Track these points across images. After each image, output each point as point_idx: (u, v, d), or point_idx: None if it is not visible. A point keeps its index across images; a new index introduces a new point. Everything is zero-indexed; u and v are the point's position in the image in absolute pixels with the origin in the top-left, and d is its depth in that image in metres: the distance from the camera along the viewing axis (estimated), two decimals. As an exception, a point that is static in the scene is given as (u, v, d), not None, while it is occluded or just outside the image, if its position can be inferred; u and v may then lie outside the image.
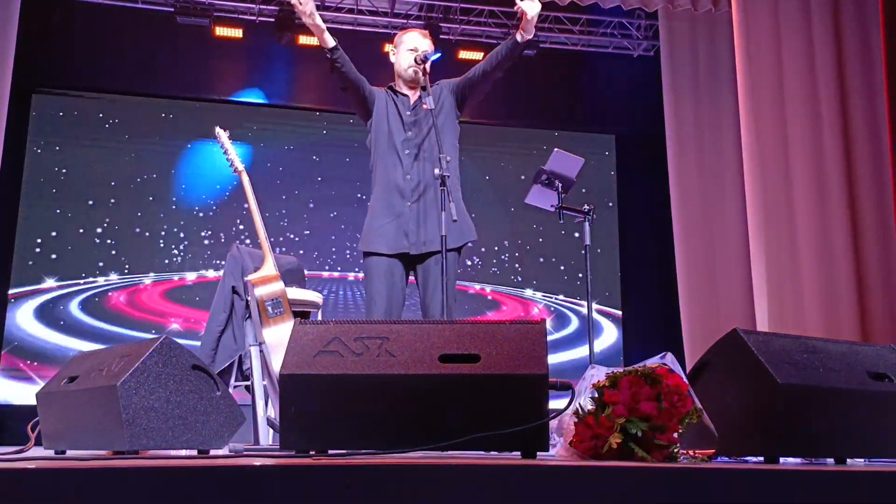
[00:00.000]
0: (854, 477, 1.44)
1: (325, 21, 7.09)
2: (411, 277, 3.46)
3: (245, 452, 2.20)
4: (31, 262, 6.45)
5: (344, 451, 1.72)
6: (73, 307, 6.45)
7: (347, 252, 6.94)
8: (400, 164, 3.40)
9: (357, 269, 6.80)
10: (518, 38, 3.40)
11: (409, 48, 3.51)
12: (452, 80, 3.57)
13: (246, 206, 3.69)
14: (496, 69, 3.47)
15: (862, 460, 2.04)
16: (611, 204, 7.54)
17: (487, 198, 7.22)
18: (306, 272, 4.34)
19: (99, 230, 6.61)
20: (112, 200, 6.68)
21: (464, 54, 7.07)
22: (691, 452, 1.83)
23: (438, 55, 3.53)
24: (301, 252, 6.81)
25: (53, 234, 6.51)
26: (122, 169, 6.74)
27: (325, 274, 6.95)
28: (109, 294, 6.54)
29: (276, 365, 3.23)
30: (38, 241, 6.49)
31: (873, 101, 5.64)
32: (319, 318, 3.92)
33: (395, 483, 1.28)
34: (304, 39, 6.89)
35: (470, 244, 3.52)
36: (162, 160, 6.84)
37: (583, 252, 3.86)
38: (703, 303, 6.39)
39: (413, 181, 3.37)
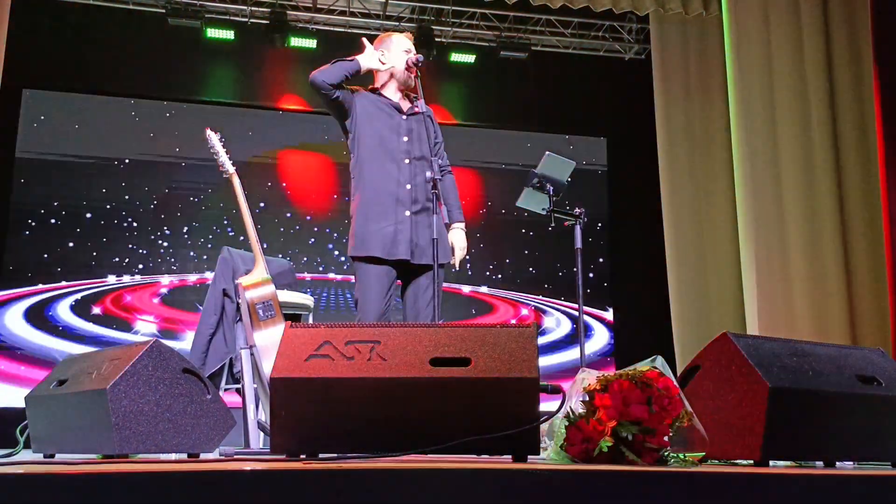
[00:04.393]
0: (843, 480, 1.45)
1: (316, 24, 7.14)
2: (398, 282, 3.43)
3: (235, 456, 2.20)
4: (20, 264, 6.41)
5: (335, 454, 1.72)
6: (64, 310, 6.42)
7: (339, 255, 6.93)
8: (398, 172, 3.34)
9: (347, 271, 6.79)
10: (446, 219, 3.43)
11: (405, 49, 3.50)
12: (438, 132, 3.48)
13: (237, 210, 3.67)
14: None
15: (851, 463, 2.04)
16: (602, 207, 7.55)
17: (478, 200, 7.22)
18: (297, 275, 4.33)
19: (89, 232, 6.58)
20: (101, 202, 6.65)
21: (455, 57, 7.05)
22: (682, 456, 1.83)
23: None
24: (292, 255, 6.80)
25: (43, 235, 6.48)
26: (112, 170, 6.71)
27: (316, 276, 6.93)
28: (99, 297, 6.51)
29: (267, 368, 3.22)
30: (28, 242, 6.45)
31: (863, 104, 5.68)
32: (311, 320, 3.91)
33: (386, 487, 1.28)
34: (295, 42, 6.90)
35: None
36: (152, 162, 6.81)
37: (574, 255, 3.86)
38: (694, 306, 6.41)
39: (413, 191, 3.33)
